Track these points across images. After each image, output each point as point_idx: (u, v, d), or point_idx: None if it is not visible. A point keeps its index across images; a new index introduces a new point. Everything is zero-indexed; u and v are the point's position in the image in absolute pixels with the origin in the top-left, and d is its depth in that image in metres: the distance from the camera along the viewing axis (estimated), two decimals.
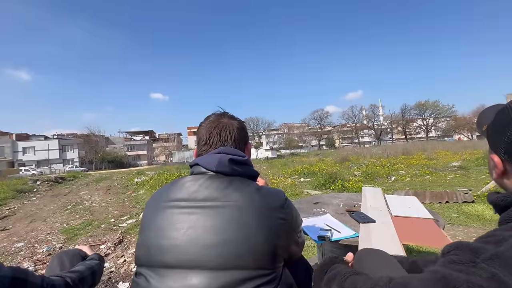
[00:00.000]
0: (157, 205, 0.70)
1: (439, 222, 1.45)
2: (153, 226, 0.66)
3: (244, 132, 0.85)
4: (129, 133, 70.01)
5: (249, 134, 0.96)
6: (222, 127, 0.80)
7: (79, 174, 22.28)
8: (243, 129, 0.85)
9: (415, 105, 60.51)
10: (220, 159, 0.72)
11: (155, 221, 0.67)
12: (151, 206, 0.72)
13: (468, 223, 3.54)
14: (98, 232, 4.46)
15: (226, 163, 0.71)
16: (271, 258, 0.61)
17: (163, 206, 0.69)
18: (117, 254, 3.31)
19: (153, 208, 0.71)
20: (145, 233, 0.67)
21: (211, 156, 0.74)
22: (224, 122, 0.82)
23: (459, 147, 20.59)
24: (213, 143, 0.79)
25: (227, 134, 0.80)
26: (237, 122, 0.84)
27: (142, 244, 0.67)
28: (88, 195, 9.58)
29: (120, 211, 6.15)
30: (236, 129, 0.82)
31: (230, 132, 0.80)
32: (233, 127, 0.81)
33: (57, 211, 6.89)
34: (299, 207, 1.93)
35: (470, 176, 7.68)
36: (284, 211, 0.68)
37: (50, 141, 48.75)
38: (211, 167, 0.72)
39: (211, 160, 0.72)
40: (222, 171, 0.71)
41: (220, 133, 0.80)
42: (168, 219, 0.65)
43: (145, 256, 0.64)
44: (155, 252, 0.63)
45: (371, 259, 0.80)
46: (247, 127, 0.90)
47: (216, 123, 0.82)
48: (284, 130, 72.81)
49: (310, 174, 10.51)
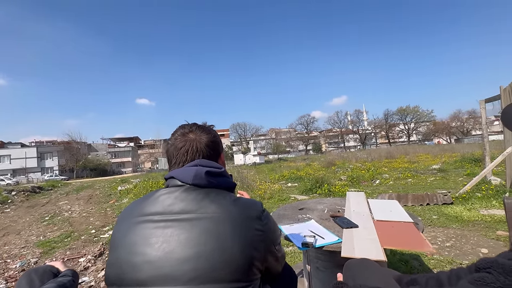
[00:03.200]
0: (130, 220, 0.67)
1: (419, 225, 1.49)
2: (125, 242, 0.63)
3: (215, 145, 0.80)
4: (113, 139, 67.92)
5: (237, 139, 0.93)
6: (189, 146, 0.76)
7: (59, 183, 21.29)
8: (214, 142, 0.79)
9: (397, 110, 62.95)
10: (197, 172, 0.70)
11: (127, 237, 0.64)
12: (123, 221, 0.68)
13: (447, 224, 3.67)
14: (78, 244, 4.26)
15: (203, 175, 0.69)
16: (247, 270, 0.60)
17: (136, 221, 0.65)
18: (98, 267, 3.17)
19: (125, 224, 0.67)
20: (117, 251, 0.63)
21: (187, 169, 0.72)
22: (191, 139, 0.76)
23: (438, 150, 21.50)
24: (179, 164, 0.76)
25: (194, 153, 0.75)
26: (206, 137, 0.78)
27: (113, 262, 0.63)
28: (67, 205, 9.16)
29: (101, 221, 5.92)
30: (204, 146, 0.77)
31: (198, 149, 0.76)
32: (201, 144, 0.76)
33: (33, 223, 6.53)
34: (284, 214, 1.93)
35: (449, 179, 8.01)
36: (261, 222, 0.67)
37: (27, 148, 46.38)
38: (187, 180, 0.69)
39: (187, 173, 0.70)
40: (199, 184, 0.69)
41: (187, 152, 0.75)
42: (142, 234, 0.62)
43: (116, 275, 0.61)
44: (127, 270, 0.60)
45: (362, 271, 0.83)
46: (236, 130, 0.86)
47: (183, 141, 0.76)
48: (271, 135, 73.16)
49: (297, 179, 10.59)
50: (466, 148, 18.77)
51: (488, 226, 3.45)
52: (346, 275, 0.90)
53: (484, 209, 4.17)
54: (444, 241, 3.09)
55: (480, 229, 3.37)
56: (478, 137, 43.41)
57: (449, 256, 2.68)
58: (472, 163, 10.64)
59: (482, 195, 4.77)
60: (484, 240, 3.06)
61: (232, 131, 70.18)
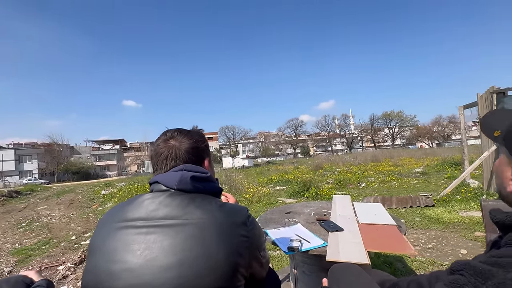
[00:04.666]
0: (110, 225, 0.65)
1: (401, 228, 1.52)
2: (104, 249, 0.61)
3: (197, 151, 0.78)
4: (97, 142, 66.02)
5: (226, 142, 0.94)
6: (168, 153, 0.75)
7: (38, 187, 20.41)
8: (196, 148, 0.78)
9: (382, 115, 64.88)
10: (182, 177, 0.69)
11: (107, 243, 0.61)
12: (103, 226, 0.66)
13: (429, 226, 3.79)
14: (57, 252, 4.07)
15: (188, 180, 0.68)
16: (231, 276, 0.59)
17: (117, 226, 0.63)
18: (78, 276, 3.03)
19: (105, 229, 0.65)
20: (95, 257, 0.61)
21: (172, 173, 0.71)
22: (171, 146, 0.75)
23: (421, 154, 22.28)
24: (162, 171, 0.75)
25: (173, 159, 0.74)
26: (188, 143, 0.77)
27: (90, 270, 0.60)
28: (47, 211, 8.75)
29: (83, 227, 5.68)
30: (184, 152, 0.75)
31: (177, 156, 0.74)
32: (180, 151, 0.75)
33: (8, 229, 6.19)
34: (271, 218, 1.92)
35: (430, 182, 8.29)
36: (246, 228, 0.66)
37: (4, 151, 44.20)
38: (171, 185, 0.68)
39: (172, 178, 0.69)
40: (184, 189, 0.68)
41: (166, 158, 0.74)
42: (122, 240, 0.60)
43: (93, 284, 0.58)
44: (104, 278, 0.57)
45: (346, 276, 0.85)
46: (224, 133, 0.86)
47: (163, 147, 0.76)
48: (260, 138, 73.38)
49: (285, 182, 10.64)
50: (447, 152, 19.51)
51: (467, 228, 3.59)
52: (331, 280, 0.92)
53: (463, 211, 4.34)
54: (426, 243, 3.18)
55: (460, 231, 3.50)
56: (458, 142, 45.35)
57: (430, 257, 2.76)
58: (452, 166, 11.07)
59: (461, 198, 4.97)
60: (463, 241, 3.17)
61: (220, 134, 69.81)
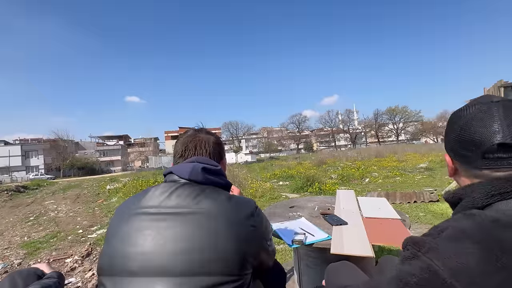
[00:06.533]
0: (126, 212, 0.69)
1: (406, 222, 1.52)
2: (120, 233, 0.65)
3: (220, 148, 0.87)
4: (102, 137, 66.35)
5: (229, 138, 0.99)
6: (198, 141, 0.83)
7: (45, 182, 20.71)
8: (219, 145, 0.88)
9: (386, 110, 64.25)
10: (193, 168, 0.73)
11: (122, 228, 0.65)
12: (119, 213, 0.71)
13: (433, 221, 3.78)
14: (64, 245, 4.15)
15: (199, 171, 0.72)
16: (239, 264, 0.61)
17: (131, 213, 0.68)
18: (85, 268, 3.10)
19: (121, 216, 0.69)
20: (111, 241, 0.65)
21: (185, 164, 0.75)
22: (201, 137, 0.84)
23: (426, 149, 22.05)
24: (188, 156, 0.81)
25: (202, 148, 0.82)
26: (214, 138, 0.87)
27: (106, 252, 0.65)
28: (54, 205, 8.91)
29: (89, 221, 5.78)
30: (212, 144, 0.84)
31: (205, 146, 0.83)
32: (209, 142, 0.84)
33: (17, 223, 6.32)
34: (275, 212, 1.94)
35: (435, 177, 8.24)
36: (254, 219, 0.69)
37: (11, 146, 44.84)
38: (184, 175, 0.73)
39: (185, 169, 0.73)
40: (195, 180, 0.72)
41: (195, 146, 0.82)
42: (136, 226, 0.64)
43: (108, 265, 0.62)
44: (119, 260, 0.61)
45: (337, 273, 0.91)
46: (228, 129, 0.91)
47: (193, 137, 0.84)
48: (263, 134, 73.36)
49: (288, 177, 10.66)
50: None
51: None
52: (327, 279, 0.95)
53: None
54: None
55: None
56: None
57: None
58: None
59: None
60: None
61: (224, 129, 69.90)
